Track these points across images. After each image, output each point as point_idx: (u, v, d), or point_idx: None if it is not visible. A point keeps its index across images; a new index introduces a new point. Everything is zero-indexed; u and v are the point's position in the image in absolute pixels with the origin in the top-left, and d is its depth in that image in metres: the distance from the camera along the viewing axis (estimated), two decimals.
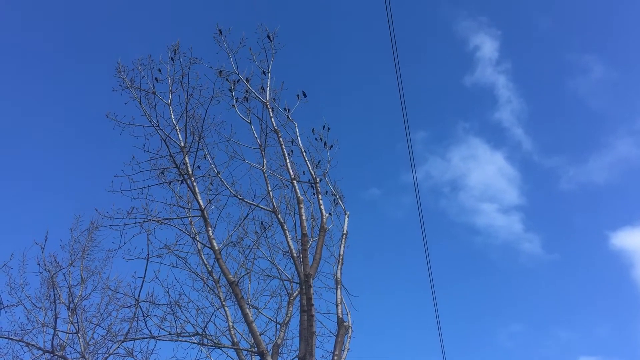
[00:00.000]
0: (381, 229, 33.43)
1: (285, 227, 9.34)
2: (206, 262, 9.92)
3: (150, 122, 9.54)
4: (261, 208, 9.78)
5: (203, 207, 9.32)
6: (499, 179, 38.05)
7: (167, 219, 9.59)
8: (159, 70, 9.83)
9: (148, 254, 8.98)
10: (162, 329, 9.38)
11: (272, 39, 10.20)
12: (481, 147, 38.44)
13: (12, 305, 10.69)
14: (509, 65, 37.50)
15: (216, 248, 9.06)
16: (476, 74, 37.58)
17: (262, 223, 10.59)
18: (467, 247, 35.44)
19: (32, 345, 10.23)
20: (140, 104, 9.61)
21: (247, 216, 10.21)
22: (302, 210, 9.39)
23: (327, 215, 9.77)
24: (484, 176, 38.52)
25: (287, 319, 9.94)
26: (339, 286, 9.22)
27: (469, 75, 37.98)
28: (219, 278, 9.87)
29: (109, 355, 9.74)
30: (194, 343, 9.25)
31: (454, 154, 38.55)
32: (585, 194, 36.94)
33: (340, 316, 8.82)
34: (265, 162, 9.87)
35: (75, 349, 10.66)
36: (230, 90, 10.08)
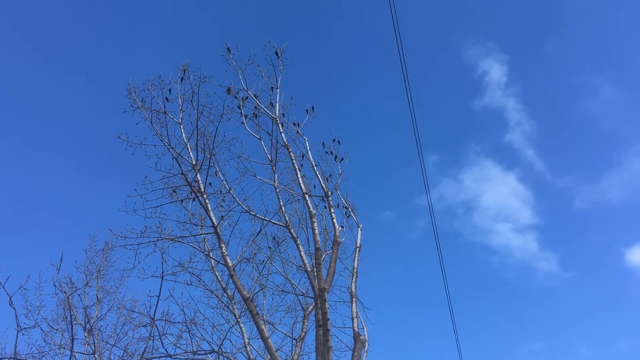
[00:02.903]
0: (397, 251, 33.67)
1: (298, 242, 9.33)
2: (220, 279, 9.92)
3: (162, 141, 9.64)
4: (274, 223, 9.79)
5: (216, 224, 9.35)
6: (513, 200, 38.50)
7: (181, 237, 9.63)
8: (169, 90, 9.96)
9: (162, 273, 8.99)
10: (178, 347, 9.39)
11: (279, 55, 10.30)
12: (493, 169, 38.96)
13: (29, 328, 10.73)
14: (518, 89, 38.29)
15: (230, 264, 9.06)
16: (486, 97, 38.36)
17: (274, 238, 10.60)
18: (484, 267, 35.66)
19: None
20: (151, 123, 9.73)
21: (259, 232, 10.21)
22: (315, 224, 9.38)
23: (339, 228, 9.74)
24: (498, 197, 39.08)
25: (303, 334, 9.89)
26: (354, 299, 9.16)
27: (479, 99, 38.72)
28: (234, 294, 9.86)
29: None
30: None
31: (467, 175, 39.05)
32: (600, 212, 37.28)
33: (357, 330, 8.76)
34: (276, 177, 9.91)
35: None
36: (239, 107, 10.17)
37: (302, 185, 9.80)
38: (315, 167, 10.14)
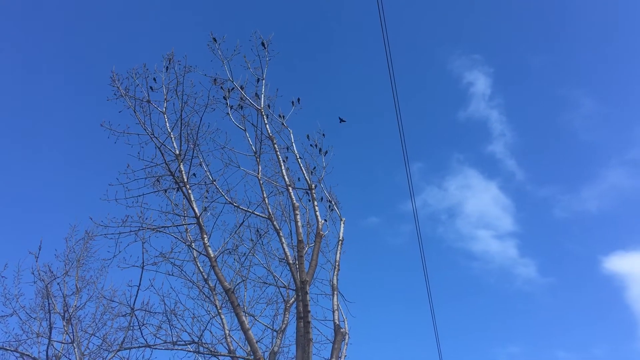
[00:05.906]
0: (381, 256, 34.42)
1: (281, 234, 9.34)
2: (202, 270, 9.89)
3: (145, 130, 9.54)
4: (257, 215, 9.78)
5: (198, 214, 9.30)
6: (494, 208, 39.73)
7: (163, 227, 9.56)
8: (154, 79, 9.84)
9: (143, 263, 8.96)
10: (158, 337, 9.37)
11: (266, 46, 10.26)
12: (476, 178, 40.00)
13: (6, 316, 10.64)
14: (501, 101, 39.34)
15: (212, 256, 9.03)
16: (470, 108, 39.30)
17: (257, 230, 10.59)
18: (465, 272, 36.73)
19: (27, 355, 10.17)
20: (135, 112, 9.61)
21: (242, 223, 10.22)
22: (298, 216, 9.39)
23: (322, 221, 9.77)
24: (480, 204, 40.16)
25: (284, 326, 9.92)
26: (335, 292, 9.20)
27: (463, 110, 39.74)
28: (215, 286, 9.85)
29: None
30: (190, 351, 9.22)
31: (450, 183, 40.05)
32: (579, 221, 38.50)
33: (337, 323, 8.81)
34: (260, 169, 9.89)
35: (70, 359, 10.58)
36: (224, 97, 10.11)
37: (286, 177, 9.79)
38: (299, 160, 10.15)
